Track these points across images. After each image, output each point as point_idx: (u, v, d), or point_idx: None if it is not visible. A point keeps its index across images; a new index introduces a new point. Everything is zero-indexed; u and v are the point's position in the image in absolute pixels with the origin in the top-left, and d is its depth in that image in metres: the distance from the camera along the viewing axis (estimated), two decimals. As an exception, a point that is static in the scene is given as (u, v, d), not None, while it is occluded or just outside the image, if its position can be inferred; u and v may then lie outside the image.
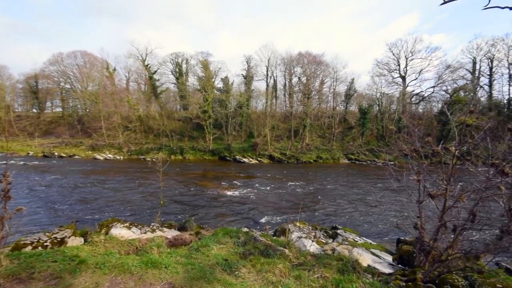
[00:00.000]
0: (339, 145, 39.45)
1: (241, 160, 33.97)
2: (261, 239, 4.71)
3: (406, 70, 44.36)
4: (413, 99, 45.23)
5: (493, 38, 43.02)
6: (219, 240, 4.31)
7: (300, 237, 6.19)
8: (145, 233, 5.78)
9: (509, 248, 3.12)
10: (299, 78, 43.90)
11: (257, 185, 18.14)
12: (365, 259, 5.16)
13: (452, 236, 3.47)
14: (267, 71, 45.24)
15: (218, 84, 42.56)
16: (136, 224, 6.30)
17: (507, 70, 42.40)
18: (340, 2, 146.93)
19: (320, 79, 43.79)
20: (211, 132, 38.22)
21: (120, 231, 5.44)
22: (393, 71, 45.44)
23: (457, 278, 3.36)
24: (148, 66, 42.76)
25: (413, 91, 45.16)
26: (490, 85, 43.93)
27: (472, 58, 43.96)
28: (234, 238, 4.44)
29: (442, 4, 4.74)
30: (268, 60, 44.38)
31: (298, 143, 38.58)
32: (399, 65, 44.92)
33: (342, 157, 37.03)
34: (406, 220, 4.51)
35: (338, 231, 7.82)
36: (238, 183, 18.49)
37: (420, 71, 43.87)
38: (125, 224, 6.05)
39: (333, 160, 36.37)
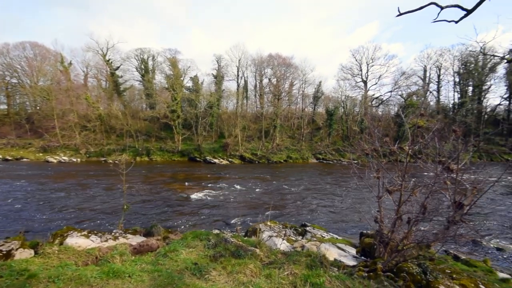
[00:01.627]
0: (308, 145, 40.92)
1: (212, 161, 33.41)
2: (232, 240, 4.67)
3: (368, 75, 47.73)
4: (373, 102, 48.79)
5: (441, 49, 48.45)
6: (189, 244, 4.18)
7: (271, 236, 6.28)
8: (106, 241, 5.38)
9: (455, 236, 3.52)
10: (269, 79, 44.61)
11: (228, 186, 17.99)
12: (332, 253, 5.41)
13: (407, 227, 3.80)
14: (237, 71, 45.22)
15: (188, 83, 41.33)
16: (95, 232, 5.83)
17: (452, 78, 48.11)
18: (309, 9, 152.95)
19: (290, 81, 45.02)
20: (180, 132, 36.94)
21: (76, 241, 4.99)
22: (356, 76, 48.55)
23: (412, 266, 3.69)
24: (110, 61, 39.85)
25: (373, 94, 48.76)
26: (438, 91, 49.42)
27: (423, 66, 49.02)
28: (204, 241, 4.33)
29: (398, 15, 5.17)
30: (239, 60, 44.39)
31: (269, 143, 39.16)
32: (361, 70, 48.14)
33: (310, 157, 38.47)
34: (368, 215, 4.83)
35: (307, 228, 8.10)
36: (209, 185, 18.15)
37: (379, 77, 47.60)
38: (83, 233, 5.57)
39: (303, 159, 37.61)
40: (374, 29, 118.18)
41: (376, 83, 48.14)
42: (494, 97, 62.98)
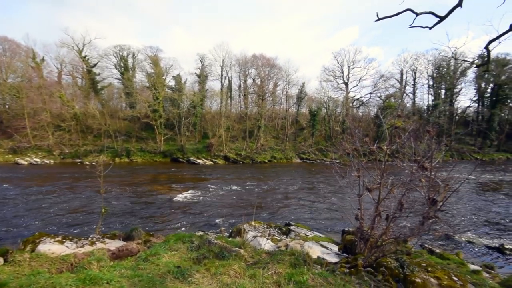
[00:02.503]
0: (291, 145, 41.45)
1: (195, 162, 32.89)
2: (216, 241, 4.62)
3: (349, 77, 49.20)
4: (354, 103, 50.41)
5: (416, 53, 51.09)
6: (171, 247, 4.07)
7: (255, 236, 6.28)
8: (82, 246, 5.12)
9: (429, 231, 3.71)
10: (253, 79, 44.71)
11: (212, 186, 17.79)
12: (315, 251, 5.51)
13: (386, 224, 3.95)
14: (221, 71, 44.85)
15: (170, 82, 40.39)
16: (70, 237, 5.53)
17: (427, 81, 50.89)
18: (292, 12, 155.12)
19: (274, 81, 45.39)
20: (162, 132, 36.00)
21: (50, 247, 4.71)
22: (338, 78, 49.89)
23: (390, 260, 3.84)
24: (86, 58, 38.00)
25: (354, 96, 50.40)
26: (414, 93, 52.05)
27: (400, 70, 51.45)
28: (187, 243, 4.24)
29: (377, 20, 5.36)
30: (223, 60, 44.05)
31: (253, 143, 39.22)
32: (342, 72, 49.53)
33: (294, 157, 39.00)
34: (350, 212, 4.97)
35: (291, 227, 8.19)
36: (192, 185, 17.84)
37: (360, 79, 49.31)
38: (57, 239, 5.27)
39: (287, 159, 38.03)
40: (355, 33, 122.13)
41: (357, 85, 49.85)
42: (465, 99, 67.44)
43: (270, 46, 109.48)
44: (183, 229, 9.55)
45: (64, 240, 5.32)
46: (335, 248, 5.99)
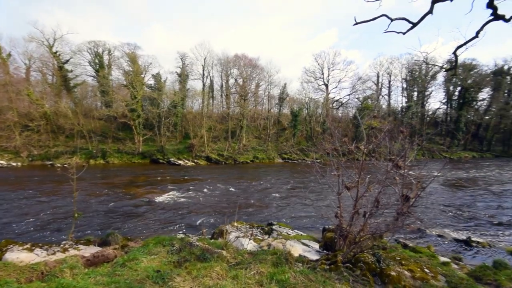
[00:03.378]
0: (274, 146, 41.81)
1: (176, 163, 32.12)
2: (198, 243, 4.54)
3: (329, 79, 50.56)
4: (334, 104, 51.91)
5: (391, 57, 53.93)
6: (150, 251, 3.94)
7: (238, 237, 6.26)
8: (53, 254, 4.83)
9: (403, 226, 3.90)
10: (235, 79, 44.52)
11: (194, 187, 17.47)
12: (297, 249, 5.60)
13: (363, 220, 4.11)
14: (203, 70, 44.18)
15: (149, 80, 39.10)
16: (40, 244, 5.19)
17: (401, 84, 53.69)
18: (275, 13, 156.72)
19: (256, 82, 45.52)
20: (140, 133, 34.75)
21: (18, 255, 4.40)
22: (318, 79, 51.09)
23: (368, 255, 4.00)
24: (57, 53, 35.71)
25: (334, 97, 51.91)
26: (389, 95, 54.74)
27: (377, 72, 53.85)
28: (167, 247, 4.13)
29: (354, 24, 5.56)
30: (204, 59, 43.43)
31: (236, 144, 39.08)
32: (323, 74, 50.81)
33: (276, 157, 39.37)
34: (330, 210, 5.11)
35: (274, 227, 8.26)
36: (173, 187, 17.41)
37: (339, 81, 50.83)
38: (25, 246, 4.93)
39: (269, 159, 38.29)
40: (334, 36, 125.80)
41: (336, 87, 51.34)
42: (435, 101, 71.98)
43: (252, 47, 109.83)
44: (163, 232, 9.28)
45: (34, 248, 4.98)
46: (316, 246, 6.13)
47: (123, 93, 36.35)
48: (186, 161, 33.06)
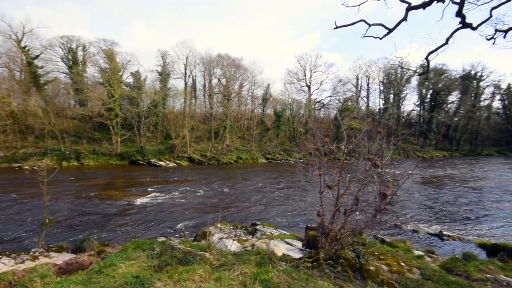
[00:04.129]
0: (257, 146, 41.91)
1: (157, 164, 31.20)
2: (180, 246, 4.43)
3: (311, 81, 51.63)
4: (316, 105, 53.07)
5: (369, 61, 56.09)
6: (129, 256, 3.78)
7: (221, 238, 6.19)
8: (22, 262, 4.51)
9: (380, 222, 4.06)
10: (219, 79, 44.12)
11: (175, 189, 17.06)
12: (281, 248, 5.65)
13: (344, 218, 4.23)
14: (185, 69, 43.35)
15: (128, 78, 37.62)
16: (7, 253, 4.83)
17: (378, 86, 56.08)
18: (258, 14, 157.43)
19: (239, 82, 45.41)
20: (118, 133, 33.35)
21: (-22, 267, 4.03)
22: (301, 80, 51.99)
23: (348, 252, 4.11)
24: (26, 48, 33.37)
25: (316, 98, 53.04)
26: (368, 97, 57.01)
27: (356, 75, 55.87)
28: (147, 251, 3.99)
29: (335, 28, 5.71)
30: (187, 58, 42.63)
31: (219, 144, 38.71)
32: (305, 75, 51.78)
33: (260, 157, 39.50)
34: (312, 209, 5.21)
35: (257, 227, 8.27)
36: (154, 189, 16.89)
37: (321, 82, 52.10)
38: (-12, 256, 4.54)
39: (252, 160, 38.33)
40: (317, 39, 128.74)
41: (318, 88, 52.54)
42: (409, 104, 75.87)
43: (236, 47, 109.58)
44: (143, 236, 8.97)
45: (0, 256, 4.60)
46: (299, 244, 6.22)
47: (99, 92, 34.70)
48: (168, 162, 32.22)
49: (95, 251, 4.80)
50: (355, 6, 5.32)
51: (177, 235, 8.96)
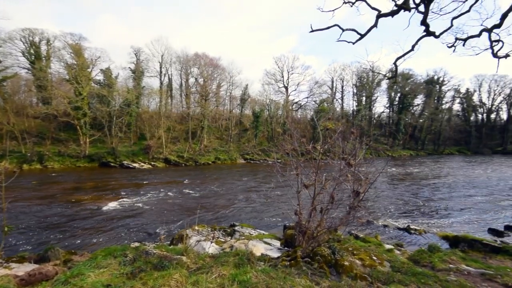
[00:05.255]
0: (236, 146, 41.73)
1: (131, 166, 29.80)
2: (155, 251, 4.26)
3: (288, 82, 52.72)
4: (293, 106, 54.18)
5: (343, 64, 58.72)
6: (99, 264, 3.56)
7: (199, 241, 6.07)
8: (-27, 277, 4.02)
9: (354, 219, 4.24)
10: (196, 79, 43.29)
11: (151, 192, 16.40)
12: (259, 249, 5.66)
13: (320, 216, 4.35)
14: (160, 67, 41.95)
15: (97, 75, 35.53)
16: (-46, 268, 4.28)
17: (352, 89, 58.69)
18: (236, 15, 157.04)
19: (217, 82, 44.96)
20: (87, 133, 31.34)
21: None
22: (278, 81, 52.84)
23: (324, 249, 4.24)
24: (-20, 40, 30.17)
25: (293, 99, 54.23)
26: (342, 99, 59.43)
27: (331, 78, 58.00)
28: (119, 258, 3.78)
29: (311, 31, 5.85)
30: (162, 56, 41.30)
31: (196, 145, 37.95)
32: (283, 76, 52.73)
33: (238, 158, 39.37)
34: (290, 209, 5.29)
35: (236, 228, 8.22)
36: (127, 192, 16.10)
37: (298, 84, 53.44)
38: None
39: (231, 160, 38.08)
40: (294, 41, 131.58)
41: (296, 89, 53.85)
42: (380, 106, 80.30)
43: (213, 47, 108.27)
44: (115, 242, 8.50)
45: None
46: (278, 244, 6.29)
47: (65, 89, 32.34)
48: (142, 164, 30.91)
49: (61, 260, 4.45)
50: (330, 11, 5.51)
51: (153, 239, 8.62)
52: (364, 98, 58.24)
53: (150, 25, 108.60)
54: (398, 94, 58.13)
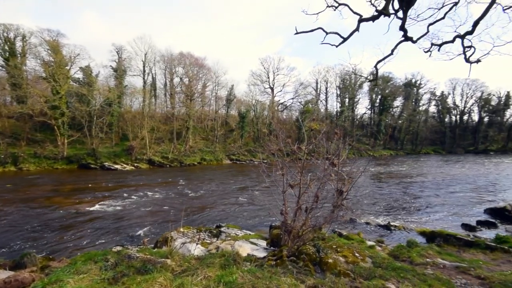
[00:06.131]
0: (221, 147, 41.44)
1: (112, 167, 28.78)
2: (138, 255, 4.16)
3: (274, 83, 53.18)
4: (279, 107, 54.66)
5: (327, 67, 59.94)
6: (78, 270, 3.42)
7: (184, 243, 5.98)
8: None
9: (337, 217, 4.35)
10: (181, 78, 42.57)
11: (134, 194, 15.93)
12: (245, 249, 5.67)
13: (305, 215, 4.43)
14: (144, 66, 40.84)
15: (76, 73, 34.04)
16: None
17: (335, 91, 60.11)
18: (223, 16, 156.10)
19: (203, 82, 44.48)
20: (65, 134, 29.92)
21: None
22: (264, 82, 53.16)
23: (309, 247, 4.32)
24: None
25: (279, 100, 54.72)
26: (326, 100, 60.73)
27: (316, 79, 59.08)
28: (100, 263, 3.66)
29: (296, 34, 5.95)
30: (145, 54, 40.26)
31: (181, 145, 37.31)
32: (268, 77, 53.11)
33: (224, 158, 39.12)
34: (276, 208, 5.35)
35: (222, 229, 8.18)
36: (108, 195, 15.53)
37: (284, 85, 54.05)
38: None
39: (217, 161, 37.76)
40: (279, 43, 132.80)
41: (281, 90, 54.49)
42: (362, 107, 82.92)
43: (198, 47, 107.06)
44: (96, 247, 8.19)
45: None
46: (264, 243, 6.32)
47: (42, 87, 30.72)
48: (125, 165, 29.95)
49: (38, 266, 4.24)
50: (314, 14, 5.63)
51: (136, 243, 8.38)
52: (347, 100, 59.84)
53: (134, 23, 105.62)
54: (379, 96, 60.29)
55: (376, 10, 5.00)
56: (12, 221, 10.51)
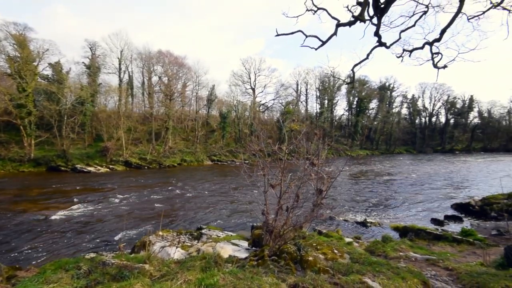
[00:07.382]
0: (202, 148, 40.78)
1: (85, 170, 27.22)
2: (114, 261, 3.97)
3: (255, 84, 53.35)
4: (260, 108, 54.94)
5: (307, 69, 61.48)
6: (48, 279, 3.20)
7: (163, 247, 5.80)
8: None
9: (318, 215, 4.46)
10: (159, 77, 41.32)
11: (109, 197, 15.19)
12: (227, 250, 5.62)
13: (286, 214, 4.49)
14: (119, 64, 39.13)
15: (45, 70, 31.79)
16: None
17: (315, 92, 61.68)
18: (203, 15, 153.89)
19: (183, 81, 43.51)
20: (32, 134, 27.84)
21: None
22: (245, 83, 53.15)
23: (290, 246, 4.38)
24: None
25: (260, 101, 55.01)
26: (306, 101, 62.10)
27: (296, 81, 60.18)
28: (72, 271, 3.44)
29: (276, 35, 6.02)
30: (121, 52, 38.60)
31: (160, 146, 36.20)
32: (250, 78, 53.18)
33: (205, 159, 38.54)
34: (257, 209, 5.36)
35: (203, 231, 8.06)
36: (81, 199, 14.67)
37: (265, 86, 54.47)
38: None
39: (198, 162, 37.11)
40: (261, 44, 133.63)
41: (262, 91, 54.73)
42: (340, 109, 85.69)
43: (178, 46, 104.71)
44: (67, 254, 7.71)
45: None
46: (246, 244, 6.31)
47: (6, 84, 28.34)
48: (99, 167, 28.46)
49: (4, 276, 3.89)
50: (294, 17, 5.75)
51: (111, 249, 8.00)
52: (326, 101, 61.61)
53: (108, 19, 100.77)
54: (356, 98, 62.76)
55: (353, 16, 5.20)
56: (-31, 230, 9.59)
